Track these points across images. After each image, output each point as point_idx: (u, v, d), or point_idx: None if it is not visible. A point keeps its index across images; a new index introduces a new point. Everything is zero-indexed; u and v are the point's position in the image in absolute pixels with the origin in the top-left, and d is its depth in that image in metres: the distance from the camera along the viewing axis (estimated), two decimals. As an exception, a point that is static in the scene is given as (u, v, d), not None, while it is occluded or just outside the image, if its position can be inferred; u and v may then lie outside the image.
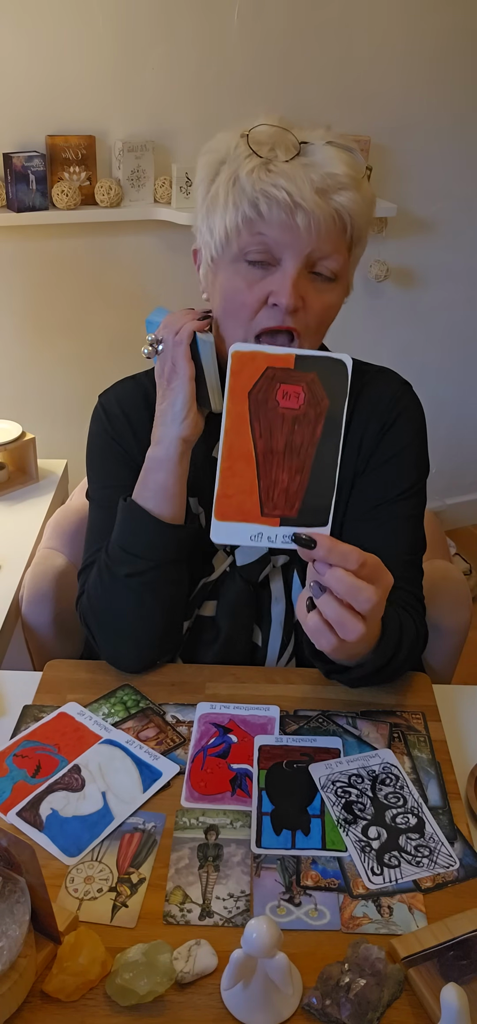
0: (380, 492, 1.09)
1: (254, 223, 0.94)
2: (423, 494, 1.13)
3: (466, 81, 2.64)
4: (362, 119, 2.53)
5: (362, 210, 0.96)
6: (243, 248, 0.96)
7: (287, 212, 0.92)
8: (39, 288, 2.32)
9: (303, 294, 0.96)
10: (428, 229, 2.78)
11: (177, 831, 0.86)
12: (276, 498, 0.79)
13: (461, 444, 3.14)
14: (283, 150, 0.94)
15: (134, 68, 2.23)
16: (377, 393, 1.12)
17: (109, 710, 1.03)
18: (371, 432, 1.10)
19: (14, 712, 1.02)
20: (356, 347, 1.18)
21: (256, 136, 0.95)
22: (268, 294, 0.96)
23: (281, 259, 0.95)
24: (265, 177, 0.92)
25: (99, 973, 0.71)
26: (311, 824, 0.87)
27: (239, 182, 0.94)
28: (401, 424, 1.11)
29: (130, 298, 2.40)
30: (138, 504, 1.03)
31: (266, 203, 0.92)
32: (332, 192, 0.93)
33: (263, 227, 0.94)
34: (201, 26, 2.27)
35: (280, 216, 0.92)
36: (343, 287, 1.01)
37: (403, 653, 0.99)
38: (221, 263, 1.00)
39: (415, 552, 1.11)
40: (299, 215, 0.92)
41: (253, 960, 0.67)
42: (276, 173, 0.92)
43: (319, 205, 0.92)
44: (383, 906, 0.79)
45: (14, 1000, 0.68)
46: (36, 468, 1.79)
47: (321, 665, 1.02)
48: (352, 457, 1.11)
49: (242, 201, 0.94)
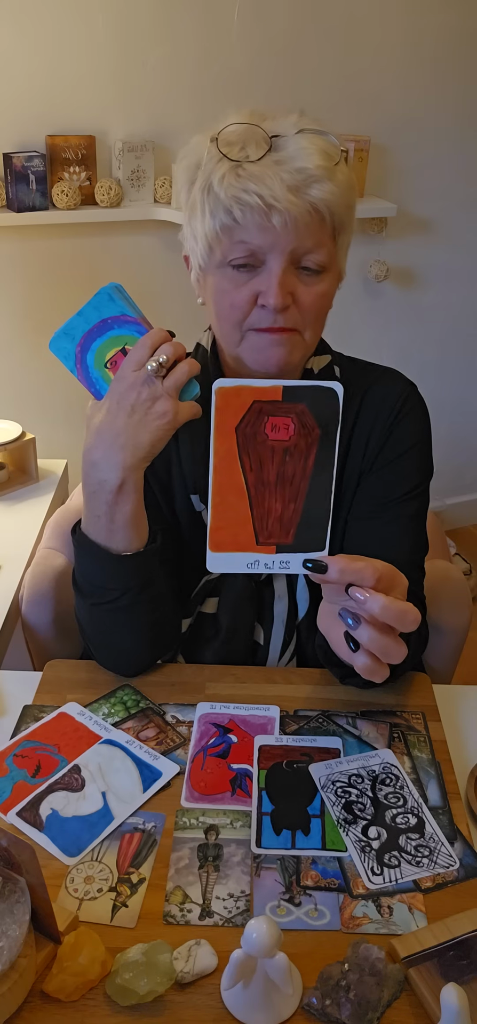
0: (385, 491, 1.09)
1: (232, 230, 0.93)
2: (426, 495, 1.13)
3: (466, 81, 2.64)
4: (362, 119, 2.53)
5: (340, 198, 0.93)
6: (226, 255, 0.95)
7: (262, 215, 0.90)
8: (39, 288, 2.32)
9: (292, 290, 0.95)
10: (428, 229, 2.78)
11: (177, 831, 0.86)
12: (271, 527, 0.77)
13: (461, 444, 3.14)
14: (254, 147, 0.92)
15: (134, 68, 2.23)
16: (383, 393, 1.11)
17: (109, 710, 1.03)
18: (377, 432, 1.10)
19: (14, 712, 1.02)
20: (356, 347, 1.18)
21: (226, 137, 0.93)
22: (257, 294, 0.95)
23: (265, 259, 0.94)
24: (236, 182, 0.91)
25: (99, 973, 0.71)
26: (311, 824, 0.87)
27: (213, 190, 0.93)
28: (407, 424, 1.10)
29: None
30: (88, 537, 0.98)
31: (240, 209, 0.91)
32: (305, 187, 0.91)
33: (242, 232, 0.93)
34: (201, 26, 2.27)
35: (255, 220, 0.91)
36: (334, 275, 1.00)
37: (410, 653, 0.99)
38: (209, 269, 0.99)
39: (418, 552, 1.11)
40: (274, 216, 0.90)
41: (253, 960, 0.67)
42: (246, 177, 0.90)
43: (293, 203, 0.90)
44: (383, 906, 0.79)
45: (14, 1000, 0.68)
46: (36, 468, 1.79)
47: (336, 671, 1.02)
48: (358, 456, 1.11)
49: (218, 209, 0.92)
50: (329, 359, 1.12)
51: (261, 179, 0.89)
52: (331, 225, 0.95)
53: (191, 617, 1.13)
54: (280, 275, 0.93)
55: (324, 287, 0.98)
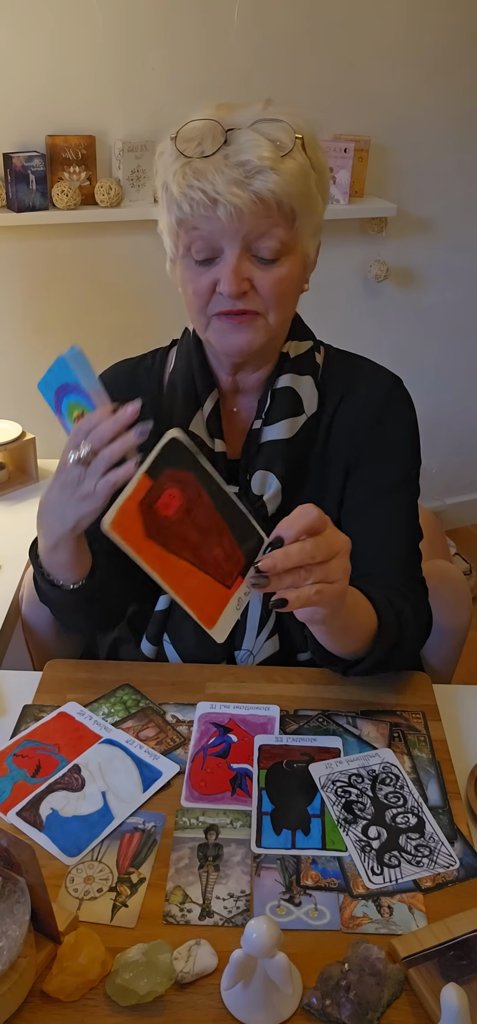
0: (376, 484, 1.11)
1: (186, 223, 0.98)
2: (417, 483, 1.15)
3: (466, 81, 2.64)
4: (362, 119, 2.53)
5: (287, 186, 0.94)
6: (186, 246, 1.00)
7: (207, 209, 0.94)
8: (39, 288, 2.32)
9: (249, 276, 0.98)
10: (428, 229, 2.78)
11: (177, 831, 0.86)
12: (226, 568, 0.81)
13: (461, 444, 3.14)
14: (210, 142, 0.95)
15: (134, 68, 2.23)
16: (368, 385, 1.13)
17: (109, 710, 1.03)
18: (363, 425, 1.11)
19: (14, 712, 1.02)
20: (356, 347, 1.18)
21: (185, 134, 0.97)
22: (215, 282, 0.99)
23: (222, 249, 0.98)
24: (184, 180, 0.95)
25: (99, 973, 0.71)
26: (311, 824, 0.87)
27: (169, 187, 0.98)
28: (394, 416, 1.13)
29: (130, 298, 2.39)
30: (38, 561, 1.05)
31: (188, 204, 0.95)
32: (248, 179, 0.93)
33: (194, 224, 0.97)
34: (201, 26, 2.27)
35: (203, 213, 0.95)
36: (296, 258, 1.01)
37: (408, 634, 1.02)
38: (176, 260, 1.04)
39: (414, 539, 1.14)
40: (219, 208, 0.94)
41: (253, 960, 0.67)
42: (192, 174, 0.94)
43: (236, 194, 0.93)
44: (383, 906, 0.79)
45: (14, 1000, 0.68)
46: (36, 468, 1.79)
47: (336, 666, 1.03)
48: (343, 451, 1.12)
49: (172, 205, 0.98)
50: (310, 344, 1.14)
51: (204, 174, 0.94)
52: (284, 212, 0.97)
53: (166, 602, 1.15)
54: (234, 263, 0.97)
55: (283, 272, 1.00)
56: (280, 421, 1.09)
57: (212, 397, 1.11)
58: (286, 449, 1.09)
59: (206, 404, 1.11)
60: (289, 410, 1.09)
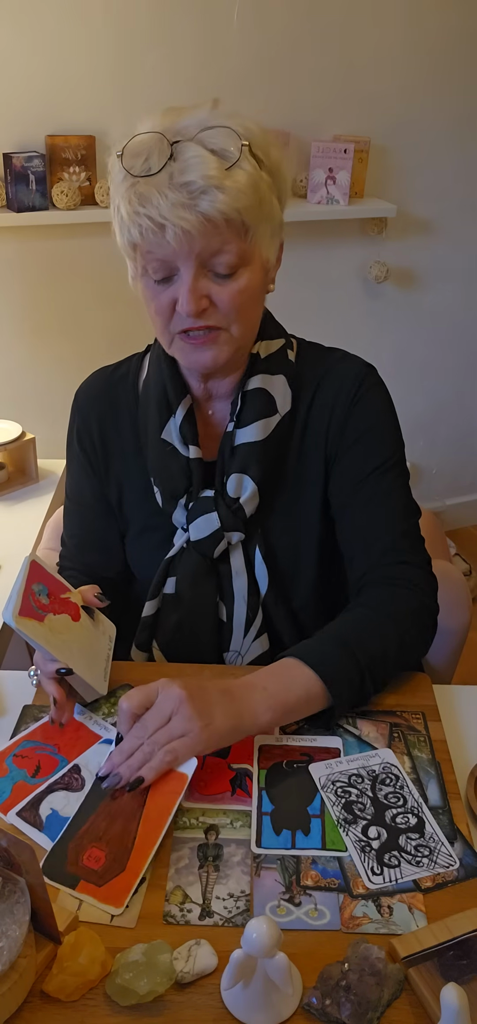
0: (357, 469, 1.10)
1: (138, 245, 0.97)
2: (403, 464, 1.13)
3: (466, 81, 2.64)
4: (362, 119, 2.53)
5: (234, 202, 0.92)
6: (143, 267, 0.99)
7: (155, 234, 0.93)
8: (39, 288, 2.32)
9: (207, 293, 0.98)
10: (428, 229, 2.78)
11: (177, 831, 0.86)
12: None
13: (461, 444, 3.14)
14: (156, 157, 0.93)
15: (134, 68, 2.23)
16: (341, 375, 1.12)
17: (109, 710, 1.03)
18: (338, 414, 1.11)
19: (14, 712, 1.02)
20: (356, 347, 1.18)
21: (132, 148, 0.95)
22: (175, 301, 0.98)
23: (178, 268, 0.97)
24: (129, 205, 0.94)
25: (99, 973, 0.71)
26: (311, 824, 0.87)
27: (119, 210, 0.97)
28: (368, 402, 1.11)
29: (129, 299, 2.38)
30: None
31: (138, 229, 0.94)
32: (193, 201, 0.91)
33: (146, 246, 0.96)
34: (200, 26, 2.27)
35: (152, 237, 0.94)
36: (253, 268, 1.00)
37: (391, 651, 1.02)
38: (136, 277, 1.03)
39: (407, 519, 1.11)
40: (168, 232, 0.92)
41: (253, 960, 0.67)
42: (137, 199, 0.93)
43: (183, 218, 0.91)
44: (383, 906, 0.79)
45: (14, 1000, 0.68)
46: (36, 468, 1.79)
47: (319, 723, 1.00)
48: (320, 445, 1.12)
49: (123, 228, 0.97)
50: (282, 343, 1.13)
51: (149, 199, 0.92)
52: (235, 227, 0.95)
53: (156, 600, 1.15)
54: (190, 283, 0.96)
55: (242, 283, 0.99)
56: (252, 423, 1.08)
57: (184, 404, 1.10)
58: (260, 450, 1.09)
59: (178, 411, 1.10)
60: (261, 411, 1.09)
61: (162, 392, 1.11)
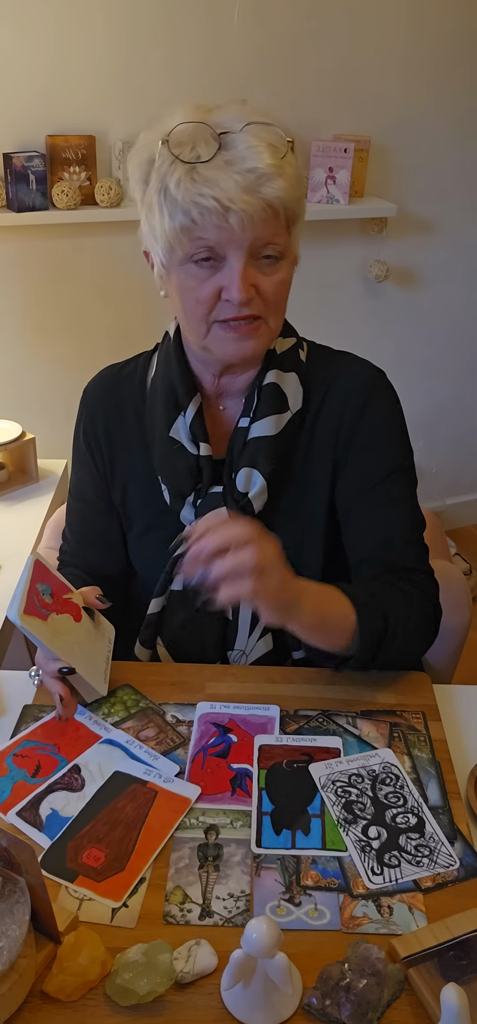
0: (366, 475, 1.11)
1: (191, 230, 0.96)
2: (412, 473, 1.14)
3: (466, 82, 2.64)
4: (362, 119, 2.53)
5: (291, 191, 0.96)
6: (188, 253, 0.98)
7: (219, 216, 0.93)
8: (39, 288, 2.32)
9: (254, 282, 0.98)
10: (428, 229, 2.78)
11: (177, 831, 0.86)
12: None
13: (461, 444, 3.14)
14: (204, 146, 0.94)
15: (134, 68, 2.23)
16: (351, 379, 1.12)
17: (109, 710, 1.03)
18: (348, 418, 1.11)
19: (14, 712, 1.02)
20: (356, 347, 1.18)
21: (177, 137, 0.96)
22: (220, 289, 0.98)
23: (226, 255, 0.97)
24: (191, 186, 0.94)
25: (99, 973, 0.71)
26: (311, 824, 0.87)
27: (169, 193, 0.96)
28: (378, 407, 1.12)
29: (130, 298, 2.39)
30: None
31: (198, 212, 0.94)
32: (258, 187, 0.93)
33: (201, 232, 0.96)
34: (201, 26, 2.27)
35: (213, 220, 0.94)
36: (290, 262, 1.03)
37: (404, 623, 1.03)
38: (171, 267, 1.02)
39: (413, 530, 1.12)
40: (231, 217, 0.93)
41: (253, 960, 0.67)
42: (201, 180, 0.93)
43: (248, 203, 0.93)
44: (383, 906, 0.79)
45: (14, 1000, 0.68)
46: (36, 468, 1.79)
47: (328, 663, 1.04)
48: (328, 447, 1.12)
49: (176, 212, 0.96)
50: (294, 341, 1.14)
51: (215, 182, 0.93)
52: (285, 217, 0.98)
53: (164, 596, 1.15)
54: (241, 270, 0.97)
55: (282, 275, 1.01)
56: (266, 417, 1.09)
57: (195, 401, 1.10)
58: (272, 445, 1.08)
59: (189, 409, 1.10)
60: (275, 406, 1.09)
61: (170, 390, 1.11)
